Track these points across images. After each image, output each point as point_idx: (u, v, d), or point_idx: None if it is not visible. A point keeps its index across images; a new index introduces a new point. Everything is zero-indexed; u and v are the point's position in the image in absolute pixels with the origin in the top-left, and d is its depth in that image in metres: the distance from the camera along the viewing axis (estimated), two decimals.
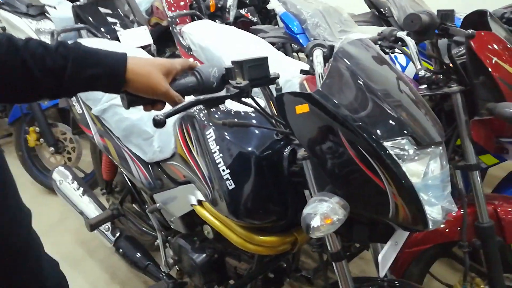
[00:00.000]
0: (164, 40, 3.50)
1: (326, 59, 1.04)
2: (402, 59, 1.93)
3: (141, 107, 0.85)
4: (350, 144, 0.78)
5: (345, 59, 0.85)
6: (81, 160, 2.73)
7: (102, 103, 1.57)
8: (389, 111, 0.80)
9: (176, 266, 1.58)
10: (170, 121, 1.32)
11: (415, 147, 0.79)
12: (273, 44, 2.71)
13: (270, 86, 1.04)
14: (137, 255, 1.68)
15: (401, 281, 1.10)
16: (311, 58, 1.06)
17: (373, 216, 0.86)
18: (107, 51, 0.76)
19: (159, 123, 0.75)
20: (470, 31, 1.08)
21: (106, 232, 1.77)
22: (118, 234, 1.76)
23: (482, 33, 1.21)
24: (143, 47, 2.89)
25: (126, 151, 1.54)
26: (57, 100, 2.22)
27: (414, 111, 0.86)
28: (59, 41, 0.75)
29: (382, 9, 2.66)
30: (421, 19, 1.08)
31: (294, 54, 3.32)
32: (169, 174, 1.40)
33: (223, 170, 1.08)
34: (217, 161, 1.09)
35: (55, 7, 3.06)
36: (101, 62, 0.74)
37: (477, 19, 1.34)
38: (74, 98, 1.76)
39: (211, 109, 0.92)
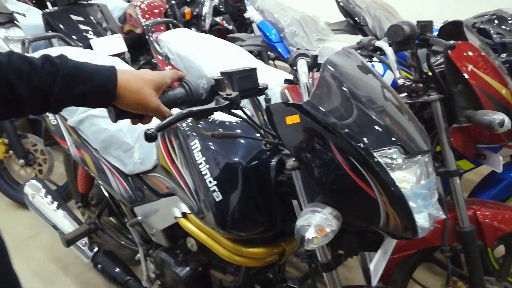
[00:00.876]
0: (138, 48, 3.45)
1: (309, 68, 1.05)
2: (379, 67, 1.97)
3: None
4: (341, 154, 0.78)
5: (333, 70, 0.86)
6: (53, 172, 2.63)
7: (78, 114, 1.52)
8: (377, 121, 0.81)
9: (158, 280, 1.53)
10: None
11: (403, 156, 0.80)
12: (250, 52, 2.71)
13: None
14: (116, 270, 1.62)
15: None
16: (295, 68, 1.06)
17: (364, 225, 0.86)
18: (96, 65, 0.73)
19: (150, 137, 0.72)
20: (451, 42, 1.11)
21: (83, 247, 1.70)
22: (95, 249, 1.69)
23: (459, 43, 1.25)
24: (117, 55, 2.84)
25: (104, 163, 1.49)
26: None
27: (401, 119, 0.88)
28: (44, 56, 0.71)
29: (356, 18, 2.72)
30: (404, 30, 1.10)
31: (271, 62, 3.33)
32: (151, 186, 1.36)
33: (210, 182, 1.06)
34: (203, 173, 1.07)
35: (24, 15, 2.96)
36: (91, 78, 0.71)
37: (453, 30, 1.38)
38: None
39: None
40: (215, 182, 1.05)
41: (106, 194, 1.72)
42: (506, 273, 1.52)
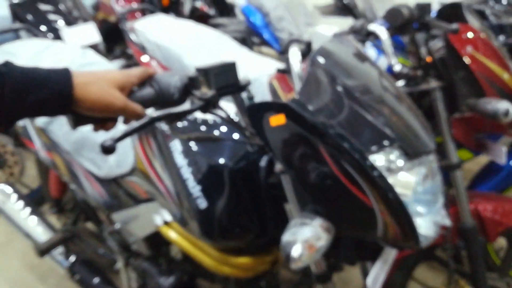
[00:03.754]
0: (113, 38, 3.26)
1: (303, 55, 0.95)
2: (372, 53, 1.87)
3: None
4: (332, 159, 0.68)
5: (323, 63, 0.75)
6: (26, 174, 2.47)
7: None
8: (374, 121, 0.71)
9: None
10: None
11: (404, 157, 0.70)
12: (233, 38, 2.58)
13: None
14: (94, 281, 1.50)
15: None
16: (287, 56, 0.96)
17: (360, 236, 0.77)
18: (48, 70, 0.62)
19: (108, 150, 0.61)
20: (454, 25, 1.01)
21: (58, 257, 1.57)
22: (72, 258, 1.56)
23: (460, 28, 1.15)
24: (91, 46, 2.67)
25: (77, 167, 1.36)
26: None
27: (401, 114, 0.78)
28: None
29: (345, 0, 2.62)
30: (403, 14, 1.00)
31: (256, 48, 3.21)
32: (129, 191, 1.24)
33: (193, 187, 0.94)
34: (184, 177, 0.95)
35: None
36: (43, 85, 0.60)
37: (452, 12, 1.28)
38: None
39: None
40: (199, 188, 0.94)
41: (81, 199, 1.59)
42: (508, 268, 1.46)
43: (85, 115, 0.64)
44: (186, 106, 0.72)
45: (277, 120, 0.71)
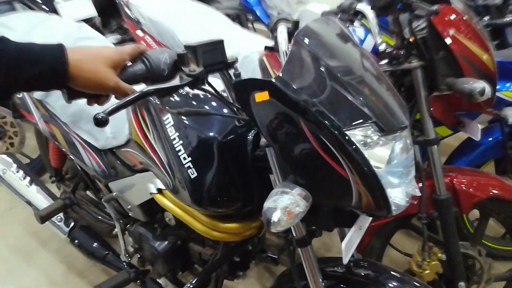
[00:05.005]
0: (109, 11, 3.25)
1: (291, 34, 1.00)
2: (360, 32, 1.91)
3: None
4: (312, 133, 0.74)
5: (306, 42, 0.80)
6: (26, 144, 2.54)
7: None
8: (352, 98, 0.77)
9: (138, 254, 1.52)
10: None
11: (378, 133, 0.77)
12: (227, 15, 2.60)
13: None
14: (94, 245, 1.60)
15: (367, 261, 1.11)
16: (275, 34, 1.00)
17: (335, 205, 0.84)
18: (43, 45, 0.66)
19: (101, 122, 0.67)
20: (435, 7, 1.06)
21: (58, 223, 1.66)
22: (72, 224, 1.65)
23: (442, 7, 1.20)
24: (86, 20, 2.68)
25: (75, 138, 1.43)
26: None
27: (379, 92, 0.84)
28: None
29: None
30: None
31: (250, 25, 3.21)
32: (125, 161, 1.31)
33: (184, 158, 1.02)
34: (177, 149, 1.02)
35: None
36: (39, 61, 0.64)
37: None
38: None
39: None
40: (190, 159, 1.01)
41: (80, 168, 1.66)
42: (480, 237, 1.56)
43: (78, 90, 0.70)
44: (175, 82, 0.78)
45: (261, 96, 0.77)
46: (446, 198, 1.34)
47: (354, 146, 0.74)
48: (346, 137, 0.74)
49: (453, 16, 1.21)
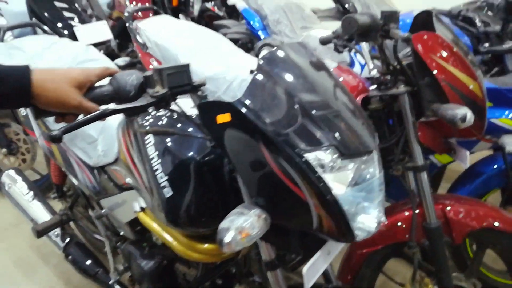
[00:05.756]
0: (127, 35, 3.40)
1: None
2: (361, 57, 1.92)
3: None
4: (271, 155, 0.75)
5: (269, 66, 0.82)
6: (37, 161, 2.63)
7: None
8: (313, 122, 0.78)
9: (128, 272, 1.53)
10: (115, 124, 1.27)
11: (340, 157, 0.77)
12: (237, 40, 2.67)
13: None
14: (86, 262, 1.62)
15: None
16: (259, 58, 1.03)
17: (297, 228, 0.84)
18: (9, 67, 0.72)
19: (54, 139, 0.71)
20: (406, 34, 1.07)
21: (55, 238, 1.70)
22: (67, 240, 1.69)
23: (426, 35, 1.20)
24: (102, 43, 2.81)
25: (71, 155, 1.48)
26: None
27: (347, 119, 0.84)
28: None
29: (346, 5, 2.66)
30: (358, 22, 1.06)
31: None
32: (113, 179, 1.35)
33: (161, 177, 1.04)
34: (154, 168, 1.05)
35: (6, 2, 2.92)
36: (4, 80, 0.70)
37: (426, 20, 1.33)
38: None
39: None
40: (166, 178, 1.03)
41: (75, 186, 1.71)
42: (477, 269, 1.50)
43: (44, 109, 0.74)
44: (137, 103, 0.81)
45: (223, 118, 0.79)
46: (436, 227, 1.31)
47: (311, 169, 0.75)
48: (303, 159, 0.75)
49: (437, 43, 1.21)
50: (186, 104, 1.09)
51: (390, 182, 1.34)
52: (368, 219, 0.81)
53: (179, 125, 1.07)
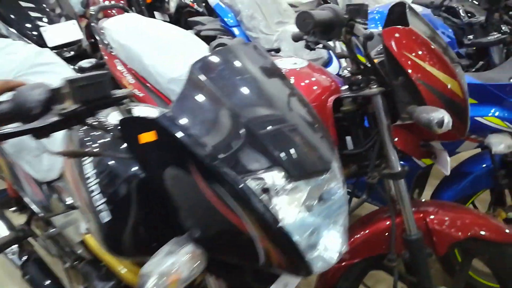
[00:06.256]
0: None
1: None
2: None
3: None
4: (205, 180, 0.63)
5: (205, 74, 0.70)
6: None
7: None
8: (256, 139, 0.66)
9: None
10: (60, 136, 1.15)
11: (288, 178, 0.65)
12: (213, 37, 2.53)
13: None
14: (45, 283, 1.50)
15: None
16: None
17: (241, 264, 0.72)
18: None
19: None
20: (369, 31, 0.95)
21: (11, 256, 1.58)
22: (25, 257, 1.57)
23: (398, 30, 1.08)
24: (73, 43, 2.67)
25: (18, 169, 1.35)
26: None
27: (302, 134, 0.72)
28: None
29: None
30: (314, 18, 0.93)
31: None
32: (61, 196, 1.23)
33: (97, 200, 0.91)
34: (90, 189, 0.92)
35: None
36: None
37: (401, 12, 1.21)
38: None
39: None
40: (104, 200, 0.91)
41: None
42: (463, 281, 1.39)
43: None
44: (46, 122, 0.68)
45: (147, 137, 0.67)
46: (416, 239, 1.20)
47: (253, 195, 0.63)
48: (242, 185, 0.63)
49: (412, 39, 1.09)
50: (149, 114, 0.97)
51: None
52: (328, 247, 0.69)
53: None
